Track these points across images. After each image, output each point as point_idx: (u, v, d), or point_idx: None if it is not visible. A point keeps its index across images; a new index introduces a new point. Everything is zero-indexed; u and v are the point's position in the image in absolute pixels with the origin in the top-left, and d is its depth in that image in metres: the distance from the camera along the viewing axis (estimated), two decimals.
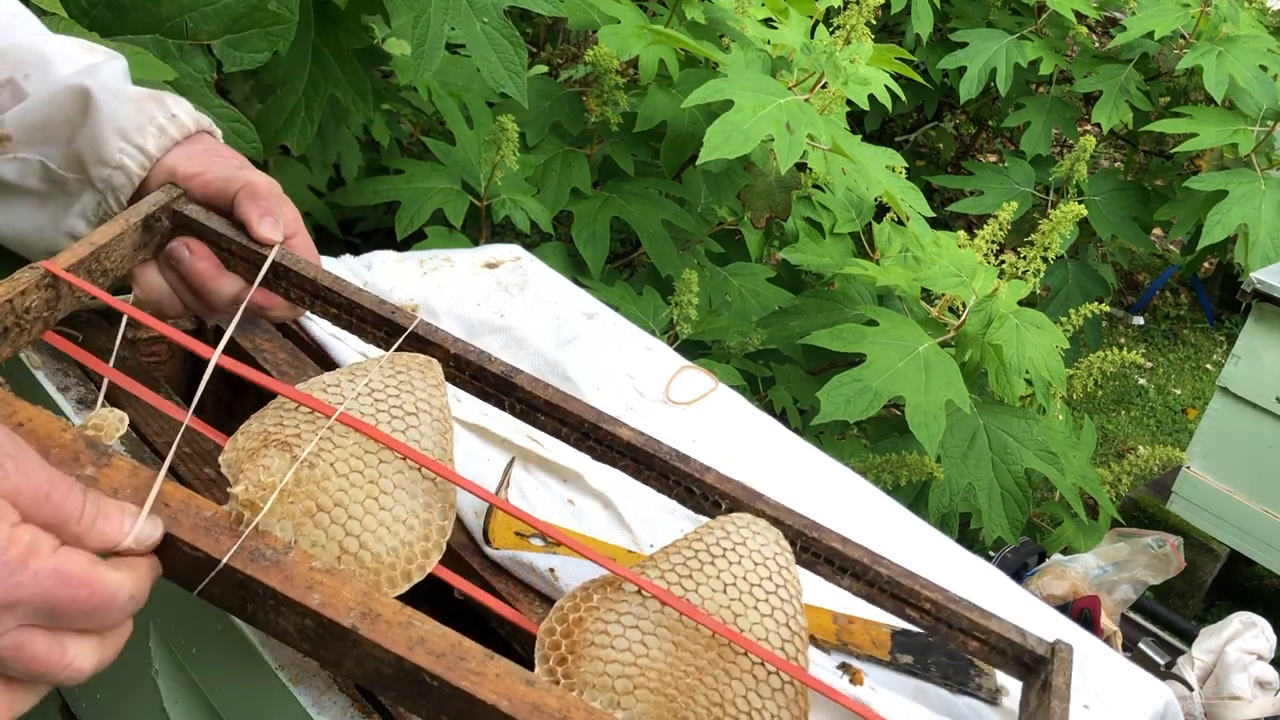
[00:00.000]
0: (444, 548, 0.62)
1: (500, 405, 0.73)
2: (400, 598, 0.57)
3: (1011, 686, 0.77)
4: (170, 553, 0.54)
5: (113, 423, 0.59)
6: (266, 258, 0.71)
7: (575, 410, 0.71)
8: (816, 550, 0.70)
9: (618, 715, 0.56)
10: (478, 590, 0.63)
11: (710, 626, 0.60)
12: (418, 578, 0.60)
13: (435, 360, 0.71)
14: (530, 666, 0.57)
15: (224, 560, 0.54)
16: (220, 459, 0.60)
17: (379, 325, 0.73)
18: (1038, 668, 0.72)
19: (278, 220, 0.71)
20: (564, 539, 0.66)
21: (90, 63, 0.73)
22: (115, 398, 0.79)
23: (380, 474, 0.61)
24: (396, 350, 0.71)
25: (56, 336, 0.65)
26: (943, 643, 0.79)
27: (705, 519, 0.70)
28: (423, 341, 0.72)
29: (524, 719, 0.52)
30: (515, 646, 0.69)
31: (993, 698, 0.77)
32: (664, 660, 0.58)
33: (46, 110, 0.71)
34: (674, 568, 0.63)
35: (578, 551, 0.65)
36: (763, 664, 0.61)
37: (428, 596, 0.62)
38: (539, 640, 0.59)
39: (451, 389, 0.73)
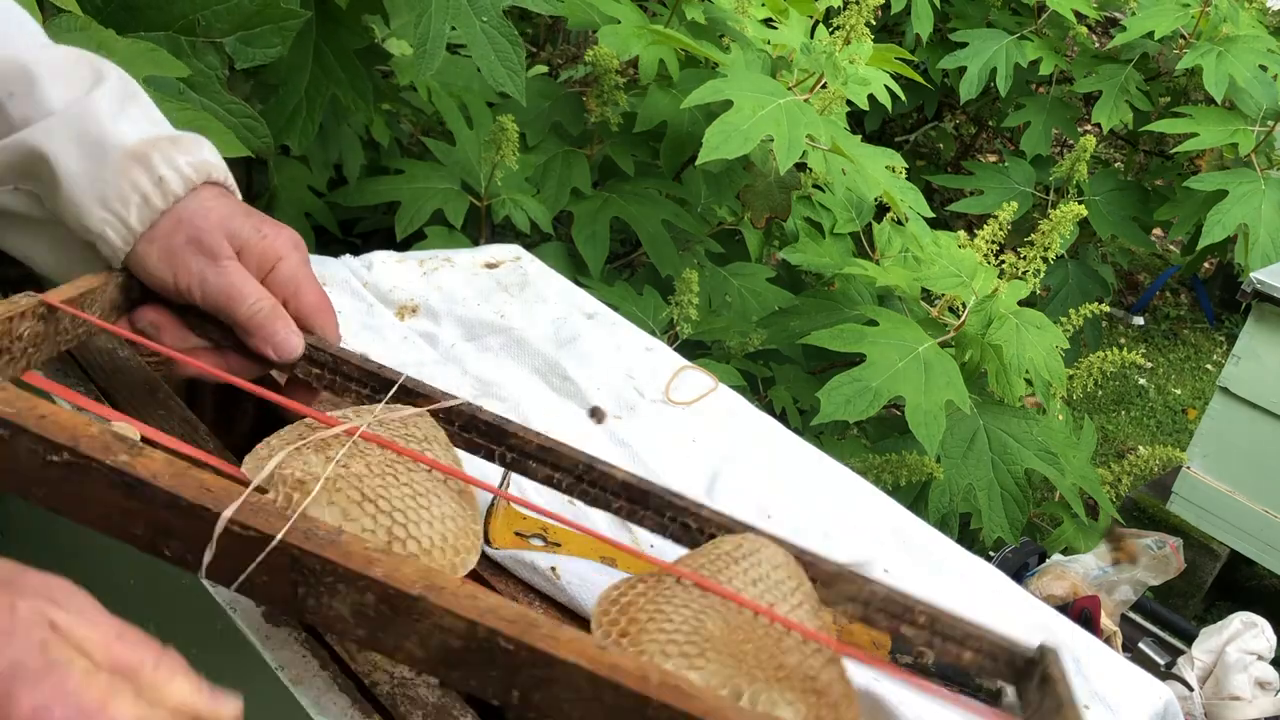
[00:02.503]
0: (479, 550, 0.62)
1: (490, 457, 0.73)
2: None
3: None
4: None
5: (128, 432, 0.58)
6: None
7: (568, 454, 0.72)
8: (811, 575, 0.71)
9: (692, 675, 0.55)
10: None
11: (754, 608, 0.60)
12: (462, 572, 0.60)
13: (425, 410, 0.71)
14: None
15: (279, 536, 0.51)
16: (242, 468, 0.59)
17: (365, 382, 0.73)
18: (1030, 669, 0.73)
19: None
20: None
21: (72, 94, 0.66)
22: (116, 403, 0.79)
23: (413, 479, 0.62)
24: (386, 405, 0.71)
25: (36, 376, 0.63)
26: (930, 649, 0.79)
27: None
28: (411, 394, 0.72)
29: (605, 676, 0.50)
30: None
31: (993, 698, 0.77)
32: (721, 633, 0.59)
33: (21, 157, 0.65)
34: (703, 566, 0.64)
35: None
36: (806, 642, 0.61)
37: None
38: (595, 621, 0.59)
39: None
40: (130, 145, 0.65)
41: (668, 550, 0.81)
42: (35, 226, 0.69)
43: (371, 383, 0.73)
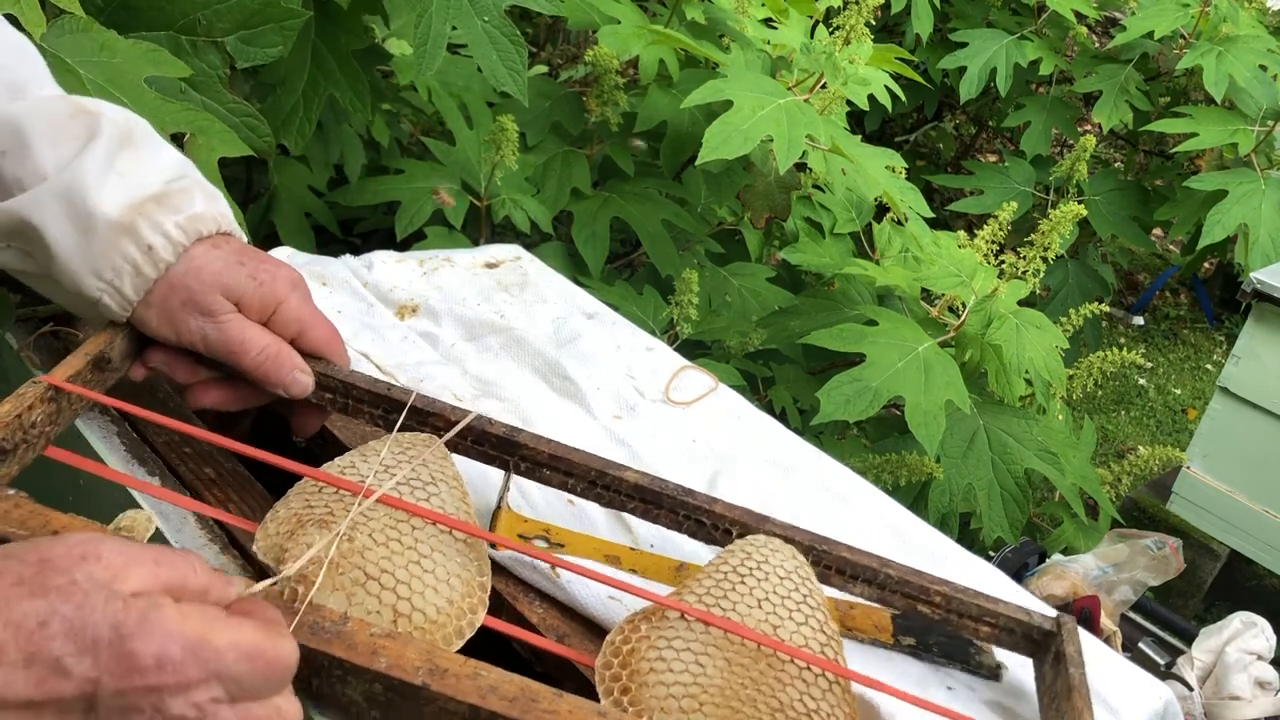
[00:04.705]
0: (487, 603, 0.64)
1: (505, 466, 0.74)
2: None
3: (1024, 665, 0.78)
4: None
5: (142, 523, 0.60)
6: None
7: (580, 460, 0.73)
8: (828, 562, 0.73)
9: None
10: (526, 633, 0.65)
11: (756, 639, 0.63)
12: (469, 633, 0.62)
13: (436, 438, 0.72)
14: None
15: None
16: (254, 547, 0.61)
17: (375, 404, 0.74)
18: (1046, 642, 0.74)
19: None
20: (577, 567, 0.66)
21: (63, 155, 0.66)
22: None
23: (416, 540, 0.63)
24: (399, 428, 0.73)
25: (59, 450, 0.66)
26: (946, 625, 0.80)
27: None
28: (421, 414, 0.74)
29: None
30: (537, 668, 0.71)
31: (993, 674, 0.78)
32: (720, 677, 0.61)
33: (14, 224, 0.66)
34: (708, 590, 0.66)
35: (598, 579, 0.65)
36: (809, 668, 0.63)
37: None
38: (598, 674, 0.61)
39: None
40: (115, 217, 0.66)
41: (669, 549, 0.81)
42: (35, 278, 0.70)
43: (382, 405, 0.74)
